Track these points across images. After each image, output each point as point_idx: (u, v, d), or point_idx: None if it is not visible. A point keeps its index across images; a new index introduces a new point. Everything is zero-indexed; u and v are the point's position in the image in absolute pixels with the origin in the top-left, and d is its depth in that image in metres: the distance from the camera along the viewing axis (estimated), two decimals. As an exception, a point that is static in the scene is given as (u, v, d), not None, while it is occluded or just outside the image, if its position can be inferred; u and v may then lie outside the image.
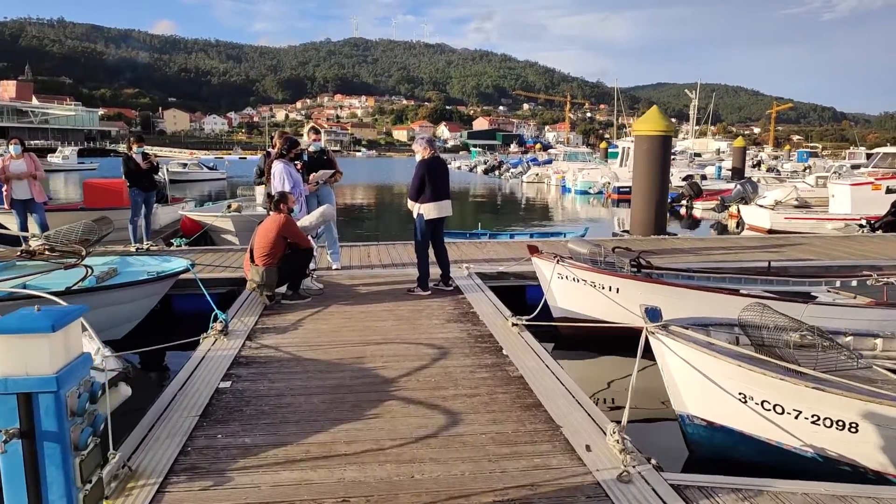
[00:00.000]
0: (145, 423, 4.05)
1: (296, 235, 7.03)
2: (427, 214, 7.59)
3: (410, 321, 6.56)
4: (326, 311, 6.97)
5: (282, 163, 7.65)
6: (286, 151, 7.74)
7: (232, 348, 5.62)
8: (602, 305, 7.49)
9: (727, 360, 4.38)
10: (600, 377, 7.14)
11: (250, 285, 7.00)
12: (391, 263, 9.89)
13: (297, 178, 7.78)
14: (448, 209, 7.79)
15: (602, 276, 7.38)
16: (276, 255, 6.91)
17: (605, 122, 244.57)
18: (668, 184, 13.75)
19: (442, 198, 7.65)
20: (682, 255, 10.67)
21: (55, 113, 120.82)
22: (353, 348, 5.67)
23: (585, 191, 34.34)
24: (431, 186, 7.53)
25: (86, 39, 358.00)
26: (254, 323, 6.47)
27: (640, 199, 13.34)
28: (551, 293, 7.70)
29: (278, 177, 7.55)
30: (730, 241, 12.54)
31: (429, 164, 7.56)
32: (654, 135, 13.00)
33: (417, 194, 7.59)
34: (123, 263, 7.85)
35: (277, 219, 6.95)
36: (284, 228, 6.92)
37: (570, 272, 7.50)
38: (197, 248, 11.41)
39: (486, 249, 11.23)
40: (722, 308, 7.11)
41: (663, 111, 14.39)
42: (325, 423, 4.14)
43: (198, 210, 14.26)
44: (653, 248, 11.53)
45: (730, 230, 21.09)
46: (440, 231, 7.93)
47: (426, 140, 7.72)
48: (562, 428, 4.04)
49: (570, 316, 7.73)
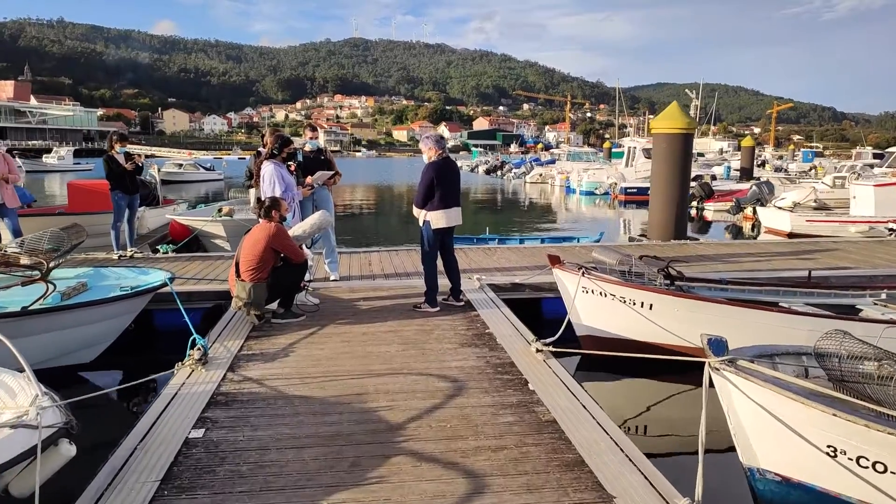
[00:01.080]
0: (90, 494, 3.21)
1: (288, 247, 6.19)
2: (435, 223, 6.75)
3: (419, 345, 5.72)
4: (323, 332, 6.13)
5: (272, 164, 6.81)
6: (278, 151, 6.89)
7: (210, 382, 4.77)
8: (633, 323, 6.66)
9: (815, 406, 3.54)
10: (634, 403, 6.30)
11: (236, 303, 6.15)
12: (394, 273, 9.05)
13: (290, 181, 6.94)
14: (458, 217, 6.95)
15: (634, 290, 6.54)
16: (265, 270, 6.07)
17: (606, 122, 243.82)
18: (690, 185, 12.87)
19: (452, 205, 6.81)
20: (709, 264, 9.83)
21: (53, 113, 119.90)
22: (352, 382, 4.83)
23: (591, 192, 33.50)
24: (440, 192, 6.69)
25: (85, 40, 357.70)
26: (238, 348, 5.63)
27: (658, 202, 12.50)
28: (575, 309, 6.86)
29: (268, 180, 6.72)
30: (757, 246, 11.70)
31: (437, 167, 6.71)
32: (675, 133, 12.16)
33: (424, 201, 6.75)
34: (97, 276, 7.02)
35: (267, 228, 6.12)
36: (275, 239, 6.08)
37: (596, 285, 6.66)
38: (184, 256, 10.57)
39: (497, 256, 10.39)
40: (772, 328, 6.30)
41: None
42: (316, 490, 3.29)
43: (187, 214, 13.40)
44: (675, 254, 10.68)
45: (745, 233, 20.26)
46: (450, 241, 7.09)
47: (434, 139, 6.87)
48: (615, 500, 3.20)
49: (596, 334, 6.90)
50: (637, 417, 6.02)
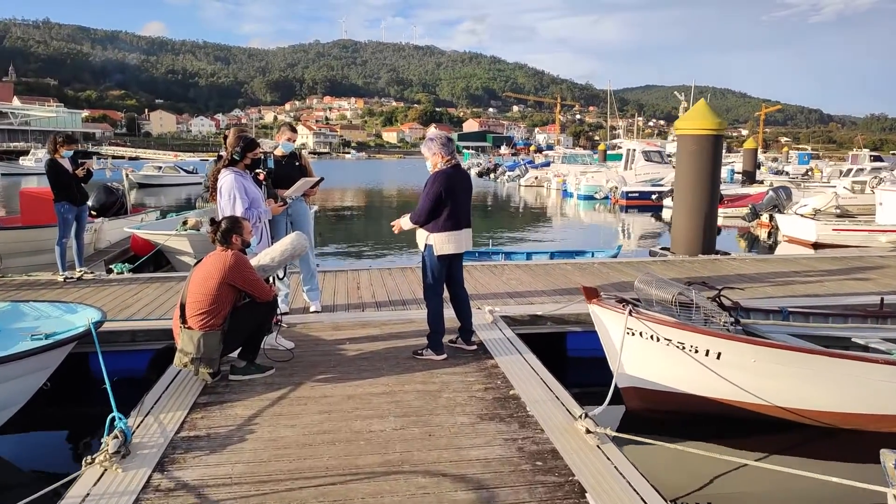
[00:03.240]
0: None
1: (250, 283, 4.71)
2: (440, 248, 5.29)
3: (423, 419, 4.25)
4: (296, 395, 4.65)
5: (233, 172, 5.33)
6: (240, 155, 5.40)
7: (127, 493, 3.29)
8: (694, 375, 5.24)
9: None
10: (694, 475, 4.84)
11: (180, 358, 4.65)
12: (387, 301, 7.59)
13: (256, 195, 5.46)
14: (468, 241, 5.50)
15: (696, 335, 5.11)
16: (219, 313, 4.59)
17: (595, 124, 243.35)
18: (720, 193, 11.48)
19: (462, 225, 5.37)
20: (754, 286, 8.41)
21: (36, 114, 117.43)
22: (332, 490, 3.36)
23: (591, 196, 32.15)
24: (449, 209, 5.24)
25: (72, 41, 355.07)
26: (178, 424, 4.13)
27: (684, 212, 11.09)
28: (614, 351, 5.43)
29: (227, 193, 5.24)
30: (800, 263, 10.30)
31: (447, 177, 5.24)
32: (704, 134, 10.75)
33: (427, 218, 5.29)
34: (9, 315, 5.52)
35: (222, 259, 4.64)
36: (233, 273, 4.61)
37: (646, 327, 5.22)
38: (141, 278, 9.06)
39: (505, 277, 8.95)
40: (883, 383, 4.91)
41: (650, 114, 12.21)
42: None
43: (149, 226, 11.84)
44: (710, 273, 9.28)
45: (762, 241, 18.92)
46: (458, 269, 5.63)
47: (440, 142, 5.37)
48: None
49: (643, 386, 5.48)
50: (698, 493, 4.57)
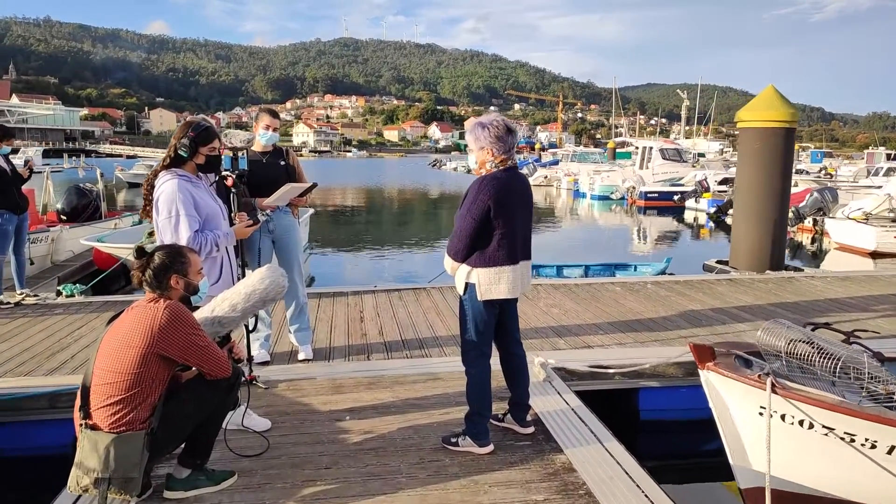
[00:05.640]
0: None
1: (195, 351, 2.95)
2: (488, 291, 3.51)
3: None
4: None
5: (177, 177, 3.58)
6: (188, 151, 3.63)
7: None
8: (867, 480, 3.52)
9: None
10: None
11: (77, 479, 2.87)
12: (399, 340, 5.85)
13: (213, 210, 3.70)
14: (527, 279, 3.72)
15: (880, 426, 3.38)
16: (142, 404, 2.85)
17: (597, 123, 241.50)
18: (790, 196, 9.73)
19: (518, 257, 3.59)
20: (855, 316, 6.68)
21: (33, 112, 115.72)
22: None
23: (606, 196, 30.40)
24: (501, 233, 3.48)
25: (73, 39, 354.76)
26: None
27: (747, 219, 9.35)
28: (739, 441, 3.71)
29: (165, 208, 3.48)
30: (893, 283, 8.55)
31: (500, 186, 3.46)
32: (773, 126, 9.00)
33: (469, 248, 3.52)
34: None
35: (150, 315, 2.89)
36: (165, 338, 2.86)
37: (797, 409, 3.49)
38: (95, 302, 7.33)
39: (544, 302, 7.22)
40: None
41: (652, 112, 10.60)
42: None
43: (112, 237, 10.02)
44: (793, 297, 7.56)
45: (805, 248, 17.18)
46: (512, 318, 3.85)
47: (495, 133, 3.48)
48: None
49: (783, 489, 3.74)
50: None
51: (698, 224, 23.17)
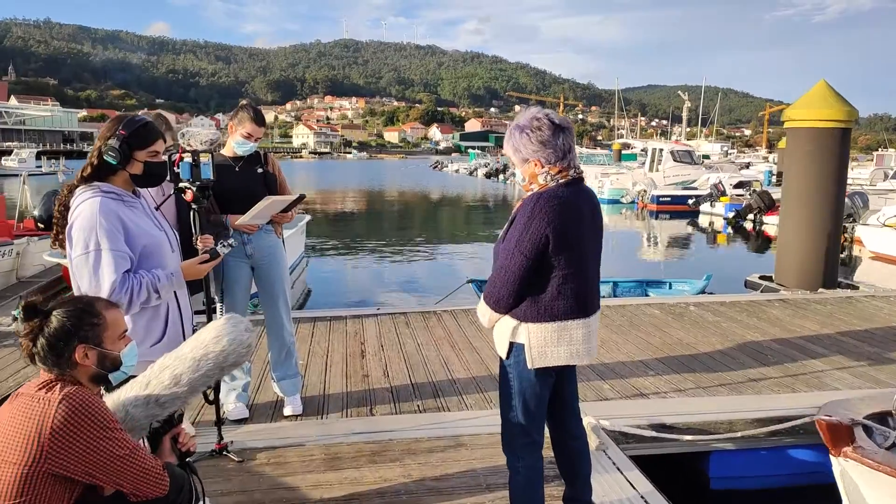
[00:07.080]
0: None
1: (107, 464, 1.93)
2: (542, 356, 2.45)
3: None
4: None
5: (99, 194, 2.51)
6: (117, 157, 2.54)
7: None
8: None
9: None
10: None
11: None
12: (408, 384, 4.81)
13: (155, 239, 2.63)
14: (593, 337, 2.61)
15: None
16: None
17: (597, 124, 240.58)
18: (844, 205, 8.68)
19: (590, 308, 2.53)
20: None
21: (31, 113, 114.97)
22: None
23: (616, 200, 29.33)
24: (564, 274, 2.42)
25: (72, 40, 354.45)
26: None
27: (797, 230, 8.30)
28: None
29: (81, 240, 2.44)
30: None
31: (563, 209, 2.40)
32: (826, 126, 7.98)
33: (517, 295, 2.44)
34: None
35: (37, 412, 1.86)
36: (55, 451, 1.83)
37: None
38: (51, 331, 6.28)
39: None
40: None
41: (653, 114, 9.52)
42: None
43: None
44: (858, 322, 6.52)
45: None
46: (571, 388, 2.79)
47: (539, 137, 2.42)
48: None
49: None
50: None
51: (714, 229, 22.14)
